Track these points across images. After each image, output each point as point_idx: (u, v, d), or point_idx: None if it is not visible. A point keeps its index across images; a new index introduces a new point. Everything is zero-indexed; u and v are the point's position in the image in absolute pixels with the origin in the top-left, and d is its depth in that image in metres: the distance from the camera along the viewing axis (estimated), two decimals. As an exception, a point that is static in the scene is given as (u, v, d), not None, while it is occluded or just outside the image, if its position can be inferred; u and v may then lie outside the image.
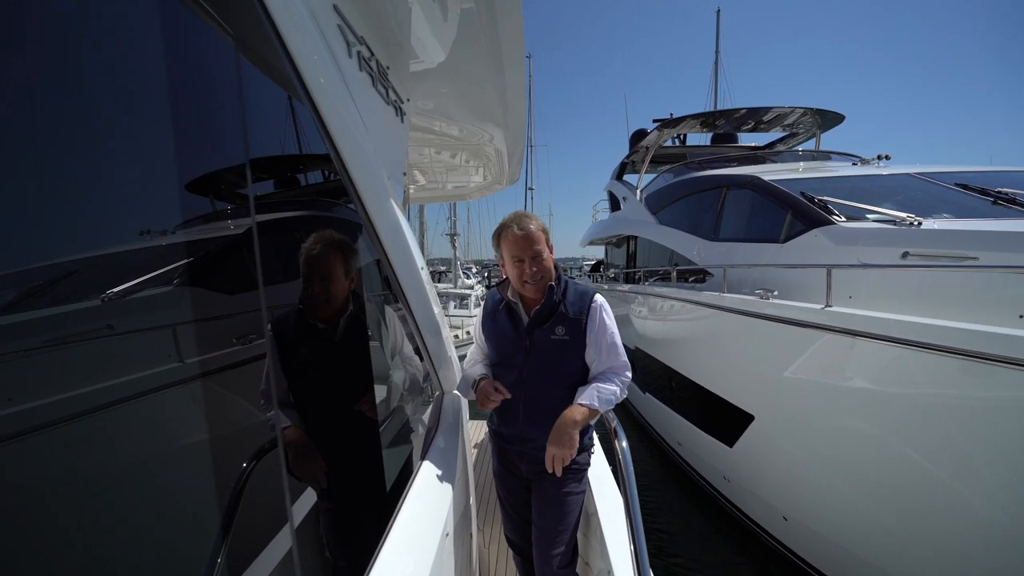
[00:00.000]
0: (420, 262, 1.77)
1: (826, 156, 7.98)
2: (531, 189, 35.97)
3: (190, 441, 0.68)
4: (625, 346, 5.98)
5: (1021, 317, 2.56)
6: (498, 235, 1.79)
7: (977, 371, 2.38)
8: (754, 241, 5.31)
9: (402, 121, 1.78)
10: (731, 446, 4.57)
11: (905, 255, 3.47)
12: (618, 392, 1.75)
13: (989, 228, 3.30)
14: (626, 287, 8.43)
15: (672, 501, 5.62)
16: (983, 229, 3.31)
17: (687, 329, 5.60)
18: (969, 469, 2.58)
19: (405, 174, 1.96)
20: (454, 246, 21.59)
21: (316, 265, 1.00)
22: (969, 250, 3.12)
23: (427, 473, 1.52)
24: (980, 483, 2.54)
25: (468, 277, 25.71)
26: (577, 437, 1.64)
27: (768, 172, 6.12)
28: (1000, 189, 4.21)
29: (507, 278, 1.84)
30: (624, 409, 9.14)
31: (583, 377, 1.80)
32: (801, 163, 7.61)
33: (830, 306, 3.23)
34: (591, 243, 13.83)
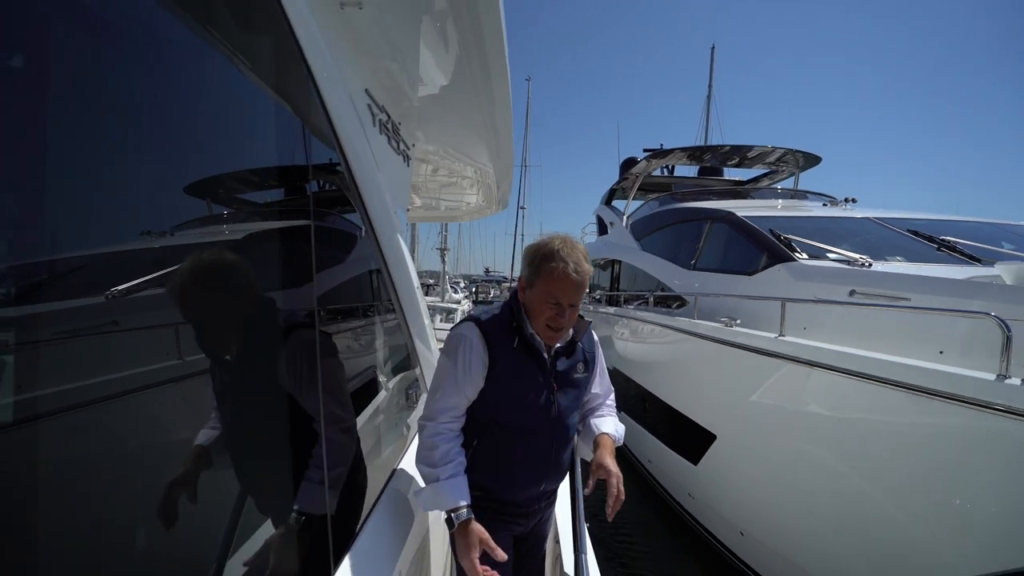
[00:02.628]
0: (416, 280, 2.06)
1: (803, 195, 8.48)
2: (523, 208, 36.54)
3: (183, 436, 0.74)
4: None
5: (940, 352, 2.91)
6: (539, 261, 1.43)
7: (902, 399, 2.70)
8: (726, 272, 5.69)
9: (407, 165, 2.11)
10: (696, 464, 4.86)
11: (852, 293, 3.85)
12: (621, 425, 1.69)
13: (922, 273, 3.69)
14: (612, 310, 8.77)
15: (641, 517, 5.88)
16: (917, 274, 3.70)
17: (660, 352, 5.93)
18: (894, 487, 2.89)
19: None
20: (444, 260, 21.90)
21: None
22: (904, 291, 3.50)
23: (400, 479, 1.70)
24: (902, 499, 2.85)
25: (456, 291, 25.95)
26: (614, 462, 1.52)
27: (746, 208, 6.54)
28: (944, 237, 4.65)
29: (510, 306, 1.53)
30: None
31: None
32: (780, 200, 8.10)
33: (783, 336, 3.58)
34: (577, 265, 14.19)
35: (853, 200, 7.10)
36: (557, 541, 1.83)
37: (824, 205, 7.31)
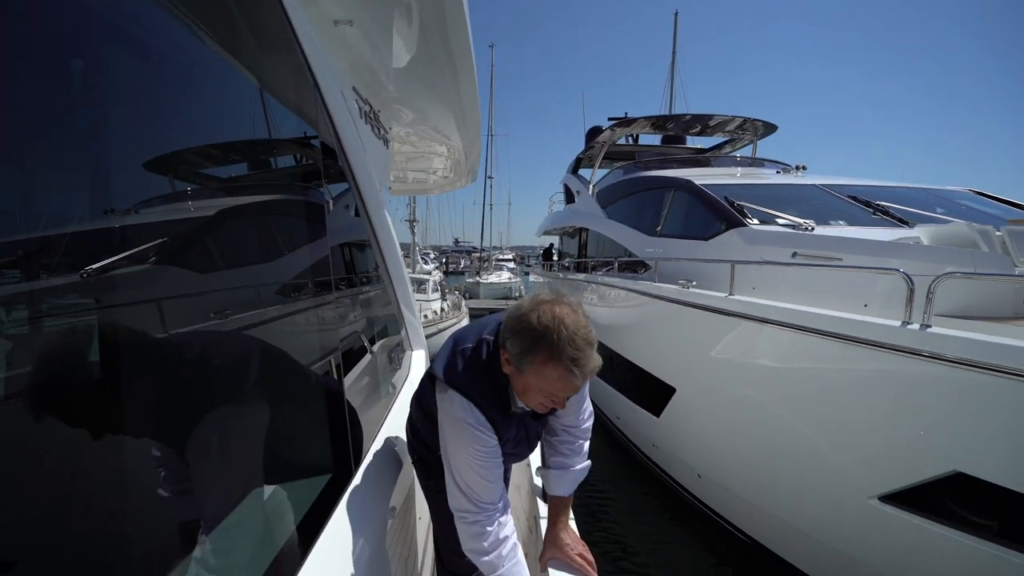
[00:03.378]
0: (399, 250, 2.28)
1: (760, 163, 8.88)
2: (491, 178, 36.35)
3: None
4: None
5: (865, 306, 3.30)
6: (537, 350, 1.18)
7: (831, 347, 3.08)
8: (685, 238, 6.04)
9: (387, 147, 2.30)
10: (658, 416, 5.29)
11: (794, 255, 4.24)
12: (587, 460, 1.62)
13: (855, 236, 4.09)
14: (580, 276, 9.10)
15: (611, 470, 6.35)
16: (849, 236, 4.10)
17: (625, 314, 6.29)
18: (827, 425, 3.30)
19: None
20: (413, 232, 21.83)
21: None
22: (838, 252, 3.90)
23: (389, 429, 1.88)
24: (829, 433, 3.27)
25: (426, 262, 25.96)
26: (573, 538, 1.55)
27: (705, 176, 6.87)
28: (880, 202, 5.08)
29: (492, 375, 1.32)
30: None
31: None
32: (739, 168, 8.48)
33: (732, 295, 3.94)
34: (546, 233, 14.49)
35: (803, 167, 7.52)
36: (532, 500, 1.96)
37: (777, 172, 7.71)
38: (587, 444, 1.61)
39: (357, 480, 1.43)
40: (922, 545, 2.76)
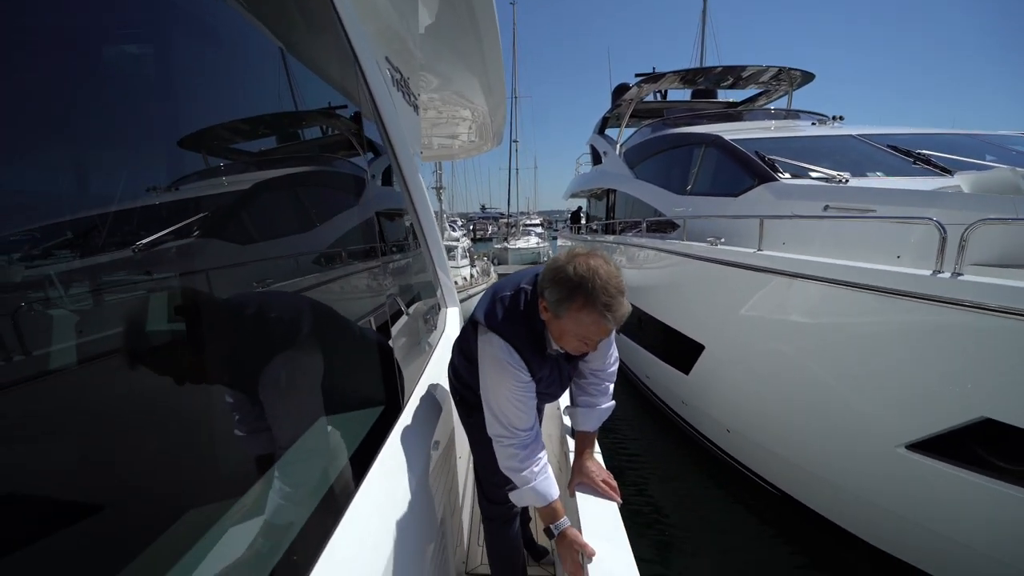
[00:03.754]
0: (432, 212, 2.38)
1: (795, 115, 8.55)
2: (515, 142, 35.92)
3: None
4: None
5: (898, 257, 3.26)
6: (574, 297, 1.29)
7: (860, 299, 3.07)
8: (714, 195, 5.95)
9: (416, 113, 2.38)
10: (687, 374, 5.36)
11: (826, 208, 4.15)
12: (612, 400, 1.77)
13: (895, 186, 3.97)
14: (609, 238, 9.06)
15: (640, 427, 6.50)
16: (883, 187, 3.98)
17: (653, 274, 6.30)
18: (855, 377, 3.31)
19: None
20: (440, 199, 21.94)
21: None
22: (871, 204, 3.81)
23: (428, 381, 2.04)
24: (862, 391, 3.28)
25: (454, 230, 26.13)
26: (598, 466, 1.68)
27: (735, 131, 6.69)
28: (920, 151, 4.87)
29: (530, 318, 1.44)
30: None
31: None
32: (772, 121, 8.19)
33: (761, 250, 3.92)
34: (573, 196, 14.36)
35: (840, 118, 7.23)
36: (562, 436, 2.12)
37: (813, 124, 7.43)
38: (612, 386, 1.76)
39: (405, 417, 1.60)
40: (949, 492, 2.80)
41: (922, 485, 2.95)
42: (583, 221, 14.55)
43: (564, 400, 2.00)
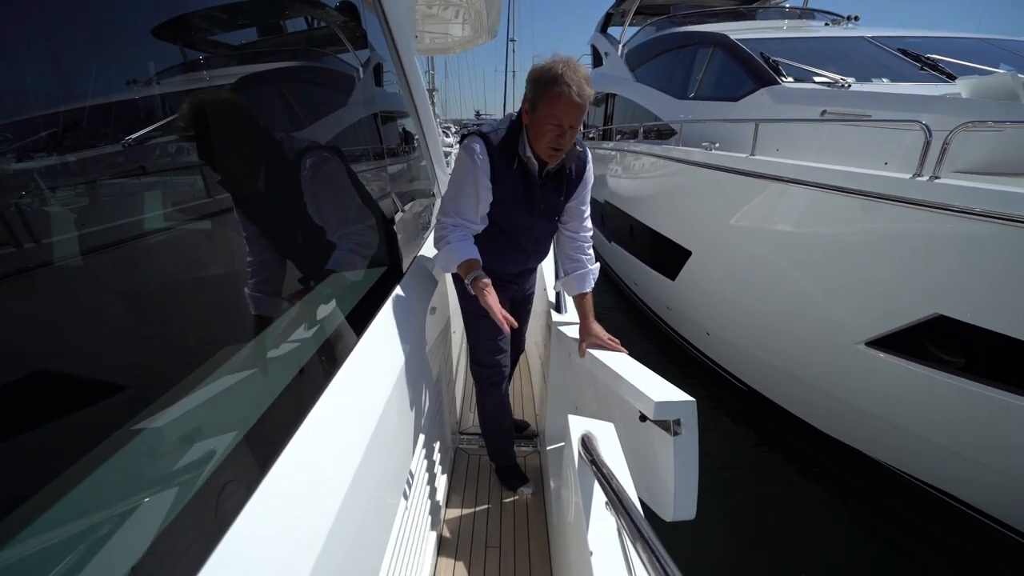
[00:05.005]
0: (427, 96, 2.38)
1: (810, 14, 8.08)
2: (512, 40, 33.68)
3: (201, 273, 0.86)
4: (595, 200, 7.02)
5: (885, 164, 3.29)
6: (543, 85, 1.51)
7: (839, 203, 3.14)
8: (715, 99, 5.78)
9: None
10: (673, 279, 5.54)
11: (823, 113, 4.09)
12: (596, 263, 1.98)
13: (887, 91, 3.89)
14: (607, 144, 8.84)
15: (625, 329, 6.81)
16: (881, 91, 3.90)
17: (647, 181, 6.28)
18: (828, 280, 3.47)
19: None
20: (433, 102, 21.00)
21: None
22: (868, 109, 3.75)
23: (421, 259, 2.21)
24: (832, 293, 3.44)
25: (447, 135, 25.24)
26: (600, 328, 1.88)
27: (745, 30, 6.34)
28: (930, 56, 4.71)
29: (514, 126, 1.66)
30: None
31: None
32: (785, 21, 7.74)
33: (754, 155, 3.92)
34: (572, 101, 13.77)
35: (856, 18, 6.85)
36: (548, 312, 2.36)
37: (826, 24, 7.05)
38: (591, 249, 1.97)
39: (404, 282, 1.75)
40: (899, 383, 3.07)
41: (876, 378, 3.22)
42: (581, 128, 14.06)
43: (550, 278, 2.20)
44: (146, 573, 0.56)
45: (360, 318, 1.36)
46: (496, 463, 2.27)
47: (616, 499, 0.94)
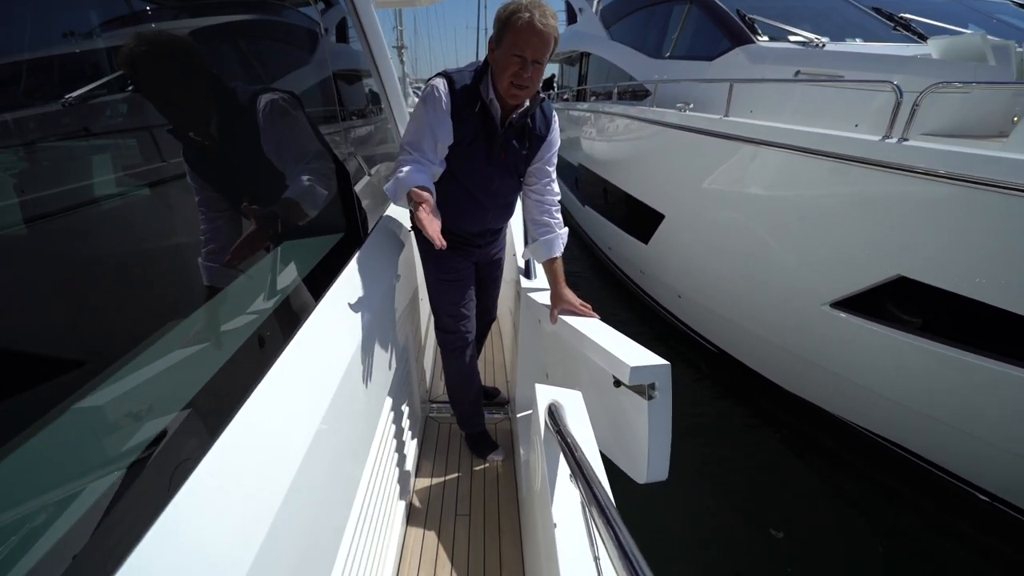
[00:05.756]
0: (387, 49, 2.26)
1: None
2: (487, -6, 32.30)
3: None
4: (569, 163, 6.90)
5: (856, 126, 3.29)
6: (506, 16, 1.47)
7: (808, 166, 3.15)
8: (690, 59, 5.68)
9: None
10: (646, 243, 5.56)
11: (797, 73, 4.06)
12: (565, 228, 1.93)
13: (861, 51, 3.87)
14: (583, 106, 8.66)
15: (598, 295, 6.85)
16: (855, 51, 3.88)
17: (621, 144, 6.21)
18: (796, 243, 3.51)
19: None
20: (402, 60, 20.19)
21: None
22: (841, 69, 3.74)
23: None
24: (799, 255, 3.49)
25: (417, 96, 24.46)
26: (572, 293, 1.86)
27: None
28: (903, 15, 4.69)
29: (479, 70, 1.60)
30: (566, 222, 10.13)
31: None
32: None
33: (728, 116, 3.88)
34: (545, 60, 13.41)
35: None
36: (517, 279, 2.33)
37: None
38: (559, 213, 1.92)
39: (367, 243, 1.71)
40: (860, 342, 3.17)
41: (839, 338, 3.31)
42: (555, 90, 13.78)
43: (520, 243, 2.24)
44: (97, 541, 0.57)
45: (317, 284, 1.31)
46: (465, 431, 2.27)
47: (579, 470, 0.93)
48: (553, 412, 1.20)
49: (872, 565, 2.84)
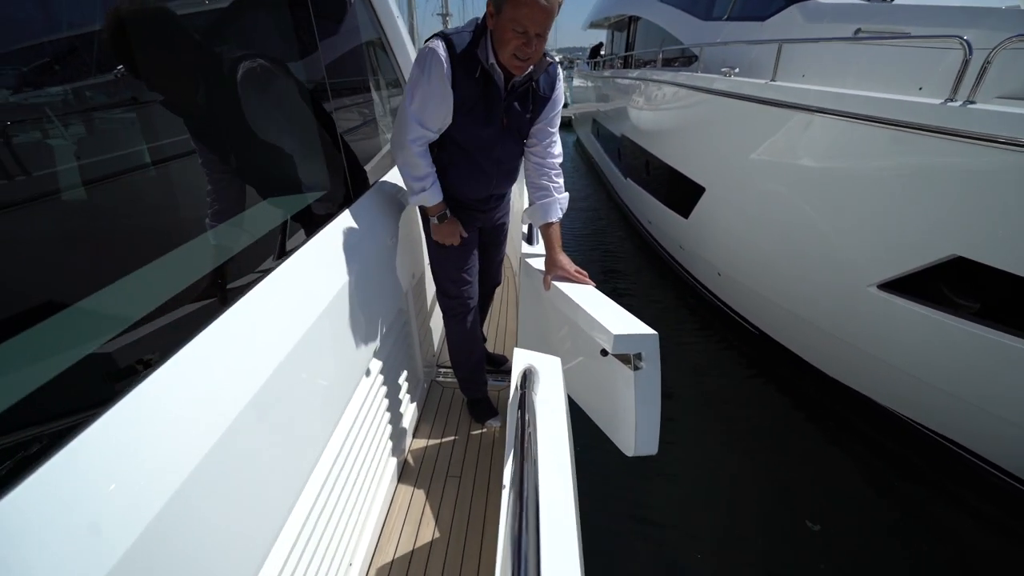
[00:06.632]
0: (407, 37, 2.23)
1: None
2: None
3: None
4: (612, 135, 6.64)
5: (920, 89, 2.97)
6: None
7: (863, 133, 2.86)
8: (742, 19, 5.29)
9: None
10: (687, 217, 5.32)
11: (857, 31, 3.68)
12: (565, 192, 1.88)
13: (937, 3, 3.44)
14: (632, 73, 8.24)
15: (638, 272, 6.66)
16: (928, 4, 3.45)
17: (660, 111, 5.91)
18: (842, 218, 3.23)
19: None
20: (446, 27, 19.93)
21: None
22: (907, 25, 3.35)
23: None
24: (847, 232, 3.22)
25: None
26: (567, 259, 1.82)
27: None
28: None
29: (476, 31, 1.52)
30: (607, 195, 9.88)
31: None
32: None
33: (775, 81, 3.59)
34: (592, 25, 12.92)
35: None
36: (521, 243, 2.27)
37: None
38: (559, 176, 1.86)
39: (363, 200, 1.76)
40: (909, 327, 2.91)
41: (886, 322, 3.06)
42: (602, 54, 13.26)
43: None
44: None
45: (306, 230, 1.37)
46: (467, 395, 2.27)
47: (520, 435, 0.92)
48: (526, 376, 1.17)
49: (920, 566, 2.66)
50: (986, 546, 2.76)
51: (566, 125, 19.98)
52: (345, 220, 1.57)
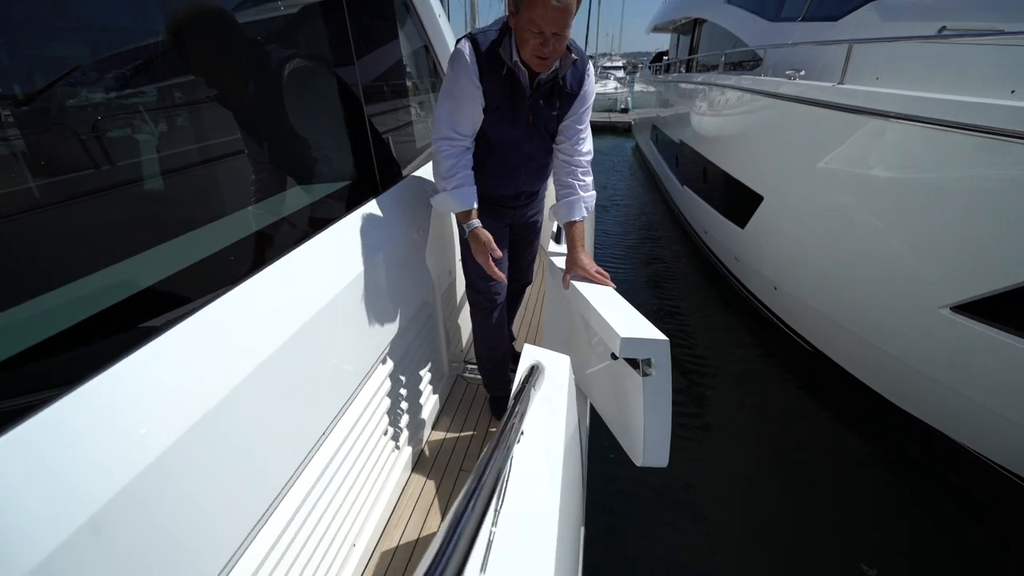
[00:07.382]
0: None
1: None
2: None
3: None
4: (672, 141, 6.49)
5: (1012, 92, 2.68)
6: None
7: (944, 141, 2.61)
8: (813, 20, 5.00)
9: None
10: (743, 228, 5.07)
11: (942, 29, 3.36)
12: (592, 190, 1.85)
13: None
14: (699, 78, 7.97)
15: (693, 281, 6.42)
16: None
17: (717, 116, 5.68)
18: (913, 233, 2.97)
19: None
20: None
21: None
22: (999, 22, 3.03)
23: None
24: (917, 249, 2.95)
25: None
26: (589, 259, 1.79)
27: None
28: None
29: (502, 28, 1.54)
30: (664, 204, 9.61)
31: None
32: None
33: (842, 84, 3.35)
34: (656, 29, 12.63)
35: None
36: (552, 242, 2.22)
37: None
38: (587, 175, 1.82)
39: (389, 192, 1.81)
40: (984, 354, 2.63)
41: (959, 348, 2.77)
42: (664, 62, 12.95)
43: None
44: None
45: (325, 219, 1.42)
46: (490, 392, 2.24)
47: (505, 424, 0.89)
48: (531, 373, 1.13)
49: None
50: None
51: (625, 131, 19.79)
52: (370, 209, 1.60)
